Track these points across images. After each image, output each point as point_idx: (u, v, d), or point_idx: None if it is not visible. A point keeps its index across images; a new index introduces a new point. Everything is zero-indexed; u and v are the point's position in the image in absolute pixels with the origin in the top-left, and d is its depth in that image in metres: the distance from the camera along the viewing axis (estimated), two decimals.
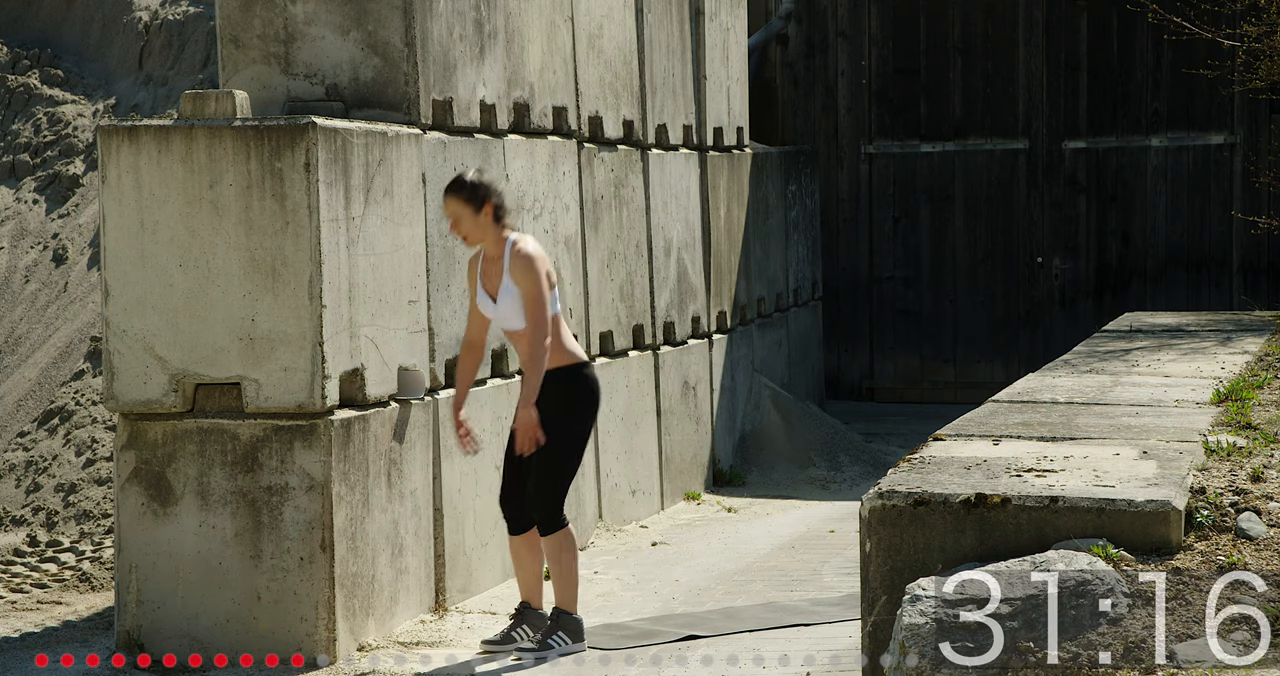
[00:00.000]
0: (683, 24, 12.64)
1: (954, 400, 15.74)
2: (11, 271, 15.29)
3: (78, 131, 16.06)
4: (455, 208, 8.07)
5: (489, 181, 8.13)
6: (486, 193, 8.06)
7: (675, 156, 12.45)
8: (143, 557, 8.10)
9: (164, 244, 8.03)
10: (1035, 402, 7.95)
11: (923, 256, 16.82)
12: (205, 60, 16.11)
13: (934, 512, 5.78)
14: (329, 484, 8.00)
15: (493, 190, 8.09)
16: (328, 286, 8.02)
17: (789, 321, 15.01)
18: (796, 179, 15.37)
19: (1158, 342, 10.57)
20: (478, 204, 8.05)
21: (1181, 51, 15.74)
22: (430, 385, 8.99)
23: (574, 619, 8.18)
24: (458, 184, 8.09)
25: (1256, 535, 5.85)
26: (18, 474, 13.23)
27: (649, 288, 11.96)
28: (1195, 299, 16.17)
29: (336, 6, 8.92)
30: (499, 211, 8.09)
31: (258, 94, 8.86)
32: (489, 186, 8.09)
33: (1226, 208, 16.13)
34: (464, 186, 8.06)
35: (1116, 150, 16.42)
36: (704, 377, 12.83)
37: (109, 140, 8.07)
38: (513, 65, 10.04)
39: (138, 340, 8.07)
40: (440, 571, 9.02)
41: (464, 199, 8.05)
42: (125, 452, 8.14)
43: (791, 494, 12.82)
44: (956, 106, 16.69)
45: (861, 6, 16.84)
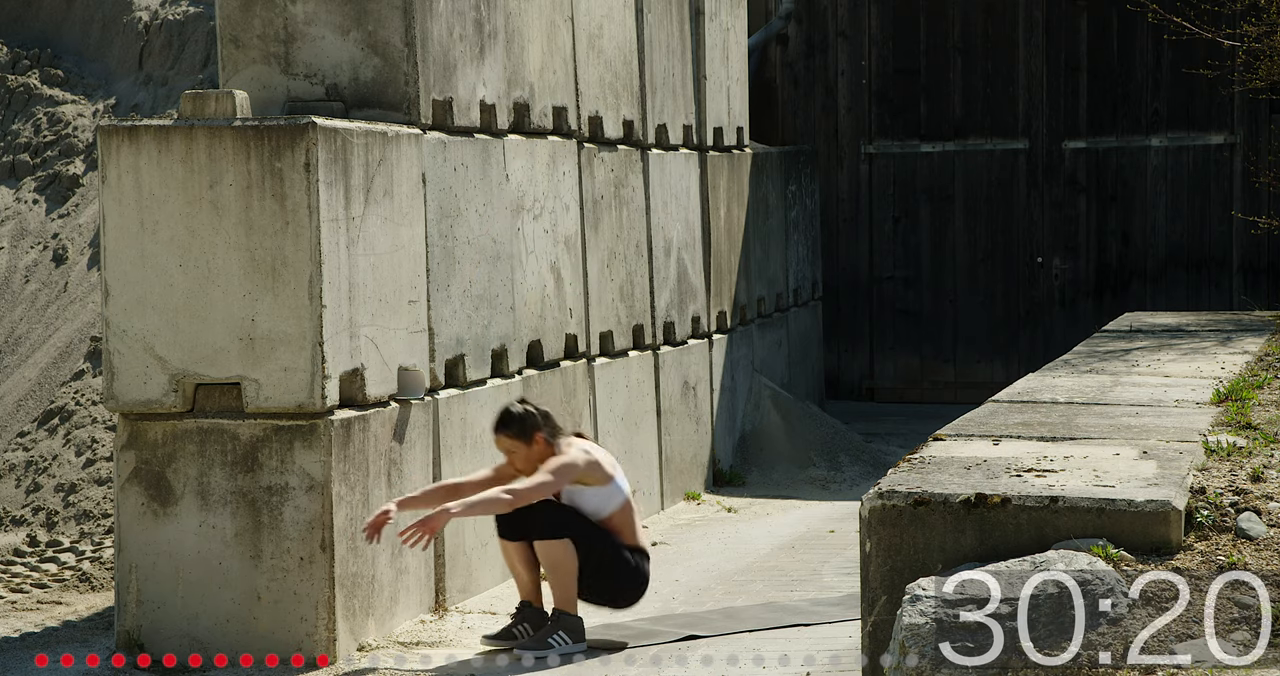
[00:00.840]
0: (683, 24, 12.64)
1: (954, 400, 15.73)
2: (11, 271, 15.29)
3: (78, 131, 16.07)
4: (507, 445, 8.16)
5: (533, 410, 8.17)
6: (535, 424, 8.13)
7: (675, 156, 12.45)
8: (143, 557, 8.10)
9: (164, 244, 8.03)
10: (1035, 402, 7.95)
11: (923, 256, 16.81)
12: (205, 60, 16.11)
13: (934, 512, 5.78)
14: (329, 484, 8.00)
15: (538, 417, 8.15)
16: (328, 286, 8.02)
17: (789, 321, 15.01)
18: (796, 179, 15.37)
19: (1158, 343, 10.57)
20: (527, 437, 8.13)
21: (1181, 51, 15.74)
22: (430, 385, 8.99)
23: (574, 618, 8.18)
24: (505, 420, 8.15)
25: (1256, 535, 5.85)
26: (18, 474, 13.24)
27: (649, 288, 11.96)
28: (1195, 299, 16.17)
29: (336, 6, 8.92)
30: (550, 437, 8.16)
31: (258, 94, 8.86)
32: (533, 414, 8.15)
33: (1226, 208, 16.13)
34: (511, 422, 8.13)
35: (1116, 150, 16.42)
36: (704, 378, 12.83)
37: (109, 140, 8.07)
38: (513, 65, 10.04)
39: (138, 340, 8.07)
40: (440, 571, 9.02)
41: (513, 435, 8.14)
42: (125, 452, 8.14)
43: (791, 494, 12.82)
44: (956, 106, 16.69)
45: (861, 6, 16.84)
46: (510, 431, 8.14)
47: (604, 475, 8.19)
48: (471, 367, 9.42)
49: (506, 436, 8.15)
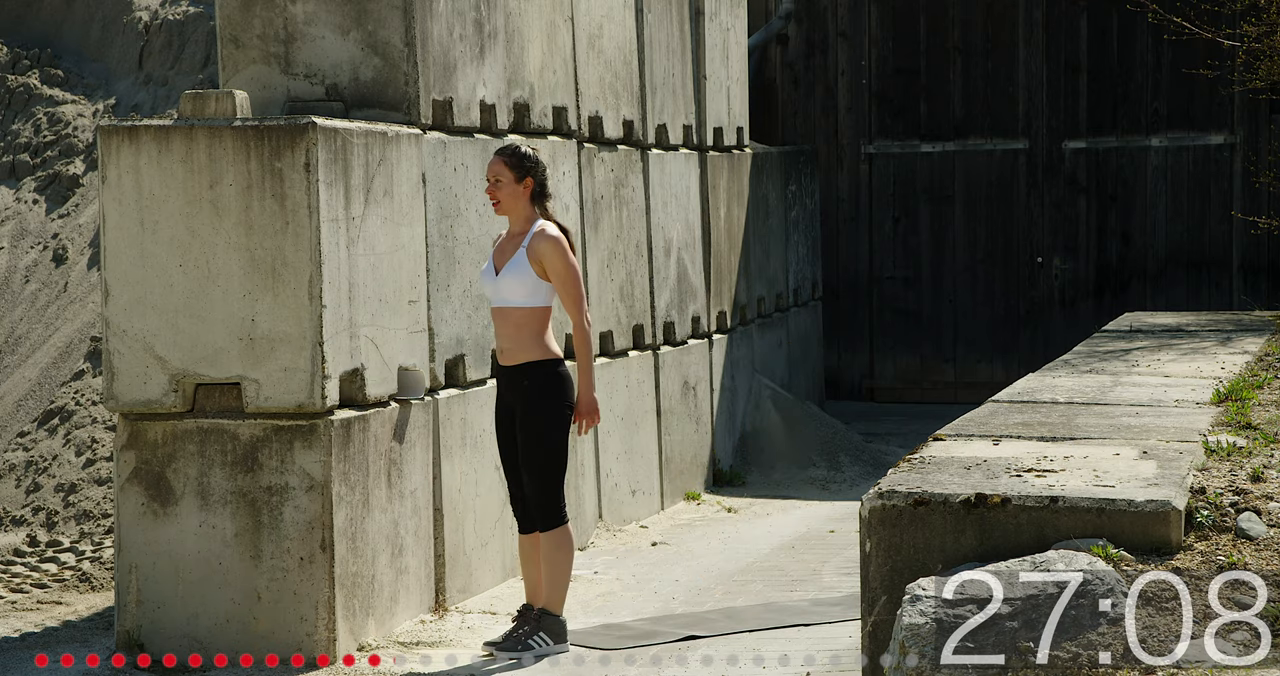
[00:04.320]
0: (683, 24, 12.64)
1: (954, 400, 15.74)
2: (11, 271, 15.29)
3: (78, 131, 16.06)
4: (498, 169, 8.15)
5: (540, 160, 8.20)
6: (533, 166, 8.15)
7: (675, 156, 12.45)
8: (143, 557, 8.10)
9: (164, 244, 8.03)
10: (1035, 403, 7.95)
11: (923, 256, 16.82)
12: (205, 60, 16.11)
13: (934, 512, 5.78)
14: (329, 484, 8.00)
15: (540, 168, 8.17)
16: (328, 286, 8.02)
17: (789, 321, 15.01)
18: (796, 179, 15.37)
19: (1158, 343, 10.57)
20: (520, 173, 8.14)
21: (1181, 51, 15.74)
22: (430, 385, 8.99)
23: (558, 620, 8.16)
24: (510, 149, 8.19)
25: (1256, 535, 5.85)
26: (18, 474, 13.23)
27: (649, 288, 11.96)
28: (1195, 299, 16.17)
29: (336, 6, 8.92)
30: (539, 190, 8.17)
31: (258, 94, 8.86)
32: (538, 163, 8.17)
33: (1226, 208, 16.13)
34: (514, 152, 8.17)
35: (1116, 150, 16.42)
36: (704, 377, 12.83)
37: (109, 140, 8.07)
38: (513, 65, 10.04)
39: (138, 340, 8.07)
40: (440, 571, 9.02)
41: (509, 163, 8.14)
42: (125, 452, 8.14)
43: (791, 494, 12.82)
44: (956, 106, 16.69)
45: (861, 6, 16.84)
46: (511, 161, 8.14)
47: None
48: (471, 368, 9.42)
49: (502, 161, 8.15)
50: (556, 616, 8.15)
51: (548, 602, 8.15)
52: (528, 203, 8.15)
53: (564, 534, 8.13)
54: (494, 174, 8.16)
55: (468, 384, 9.39)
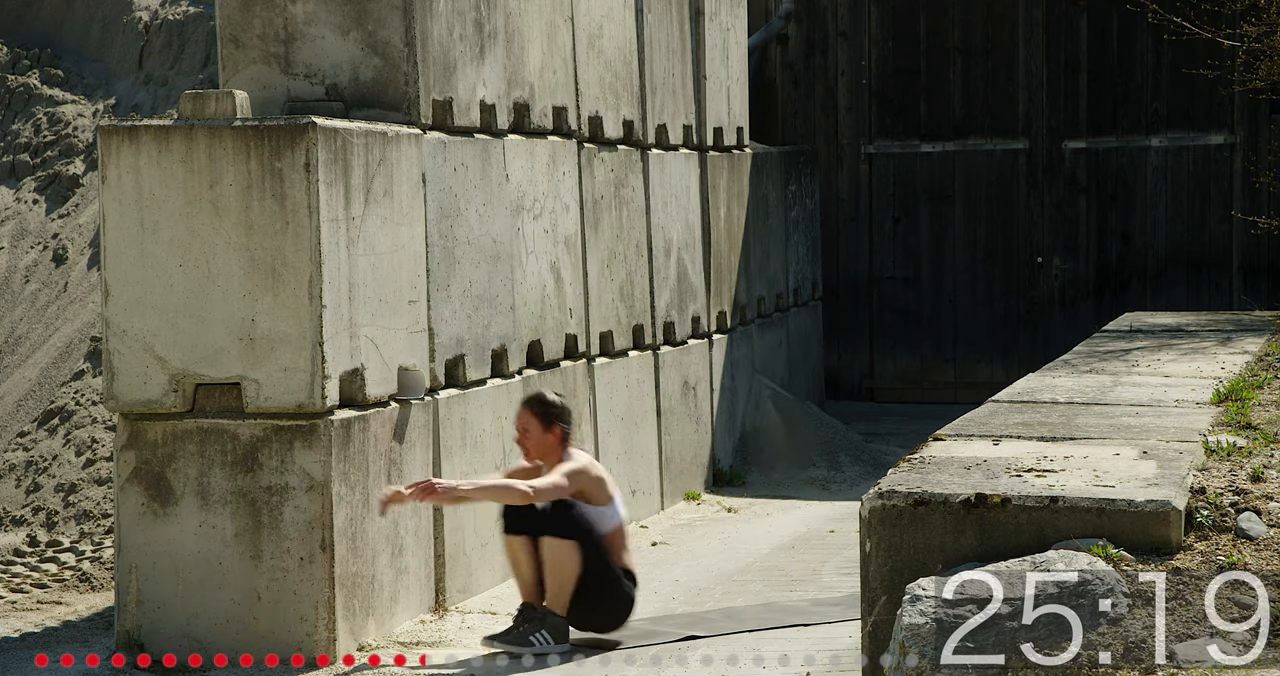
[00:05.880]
0: (683, 24, 12.64)
1: (954, 400, 15.73)
2: (11, 271, 15.29)
3: (78, 131, 16.06)
4: (526, 420, 8.26)
5: (566, 405, 8.31)
6: (560, 415, 8.25)
7: (675, 156, 12.45)
8: (143, 557, 8.10)
9: (164, 244, 8.03)
10: (1035, 403, 7.95)
11: (923, 256, 16.81)
12: (205, 60, 16.11)
13: (934, 513, 5.78)
14: (329, 484, 8.00)
15: (567, 414, 8.28)
16: (328, 286, 8.02)
17: (789, 321, 15.01)
18: (796, 179, 15.37)
19: (1158, 343, 10.57)
20: (548, 422, 8.24)
21: (1181, 51, 15.74)
22: (430, 385, 8.99)
23: (560, 619, 8.17)
24: (536, 398, 8.29)
25: (1256, 535, 5.85)
26: (18, 474, 13.23)
27: (649, 288, 11.96)
28: (1195, 299, 16.17)
29: (336, 6, 8.92)
30: (566, 436, 8.27)
31: (258, 94, 8.86)
32: (565, 409, 8.28)
33: (1226, 208, 16.13)
34: (540, 401, 8.27)
35: (1116, 150, 16.42)
36: (704, 377, 12.83)
37: (109, 140, 8.07)
38: (513, 65, 10.04)
39: (138, 340, 8.07)
40: (440, 571, 9.02)
41: (536, 413, 8.24)
42: (125, 452, 8.14)
43: (791, 494, 12.81)
44: (956, 106, 16.69)
45: (861, 6, 16.84)
46: (538, 412, 8.24)
47: (607, 495, 8.28)
48: (471, 368, 9.42)
49: (532, 415, 8.24)
50: (560, 615, 8.17)
51: (553, 602, 8.16)
52: (557, 447, 8.26)
53: (576, 547, 8.15)
54: (522, 426, 8.28)
55: (468, 384, 9.39)
